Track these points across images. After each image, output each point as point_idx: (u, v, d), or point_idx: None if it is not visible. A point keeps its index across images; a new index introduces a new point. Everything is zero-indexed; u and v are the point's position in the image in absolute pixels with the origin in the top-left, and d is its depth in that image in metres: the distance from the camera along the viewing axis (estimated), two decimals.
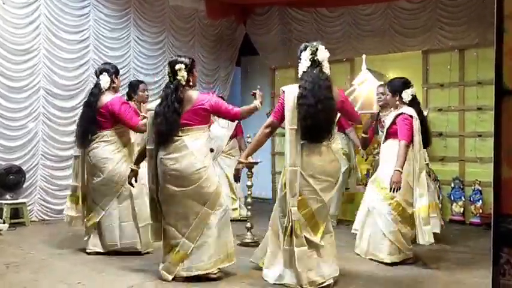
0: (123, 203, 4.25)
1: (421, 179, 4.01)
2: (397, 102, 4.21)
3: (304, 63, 3.49)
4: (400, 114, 4.12)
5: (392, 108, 4.36)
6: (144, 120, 4.01)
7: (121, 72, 6.83)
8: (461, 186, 6.46)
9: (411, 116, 4.06)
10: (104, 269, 3.79)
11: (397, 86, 4.24)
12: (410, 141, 4.02)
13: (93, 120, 4.21)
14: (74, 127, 6.24)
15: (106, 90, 4.30)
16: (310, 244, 3.30)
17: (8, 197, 5.58)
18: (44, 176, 6.06)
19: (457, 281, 3.63)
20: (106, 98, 4.22)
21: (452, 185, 6.48)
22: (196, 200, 3.43)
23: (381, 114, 4.84)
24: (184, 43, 7.82)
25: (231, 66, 8.76)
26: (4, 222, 5.39)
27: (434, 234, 4.18)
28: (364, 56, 6.53)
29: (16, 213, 5.65)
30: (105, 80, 4.29)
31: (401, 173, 3.80)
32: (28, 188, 5.89)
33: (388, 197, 4.03)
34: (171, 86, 3.51)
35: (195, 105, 3.50)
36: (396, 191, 3.79)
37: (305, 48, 3.53)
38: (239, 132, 6.43)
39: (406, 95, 4.18)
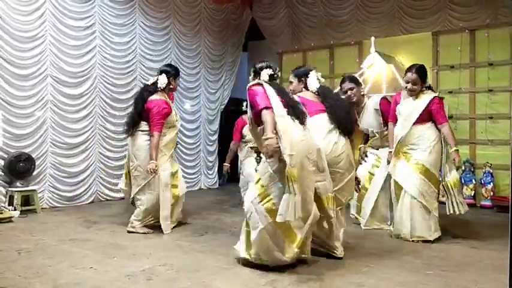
0: (150, 191, 4.60)
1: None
2: (423, 89, 4.38)
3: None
4: (433, 98, 4.31)
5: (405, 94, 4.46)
6: (156, 140, 4.48)
7: (127, 58, 6.88)
8: (472, 169, 6.42)
9: (441, 98, 4.39)
10: (115, 254, 3.81)
11: (424, 73, 4.38)
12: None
13: (140, 112, 4.62)
14: (82, 114, 6.33)
15: (161, 90, 4.69)
16: None
17: (18, 184, 5.62)
18: (54, 164, 6.08)
19: (468, 262, 3.61)
20: (154, 97, 4.62)
21: (463, 168, 6.44)
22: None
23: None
24: (190, 28, 7.78)
25: (237, 52, 8.70)
26: (15, 209, 5.44)
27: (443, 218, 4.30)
28: (372, 39, 6.46)
29: (27, 200, 5.68)
30: (162, 81, 4.67)
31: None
32: (38, 176, 5.93)
33: (435, 181, 4.25)
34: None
35: None
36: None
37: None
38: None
39: (427, 79, 4.46)
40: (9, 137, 5.65)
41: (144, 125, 4.63)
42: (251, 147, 4.59)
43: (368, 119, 4.87)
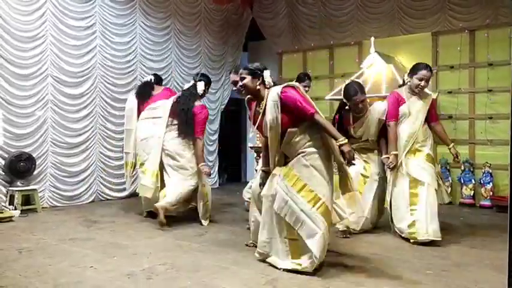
0: (188, 183, 4.96)
1: None
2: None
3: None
4: (432, 98, 4.54)
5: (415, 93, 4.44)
6: (202, 144, 4.99)
7: (127, 58, 6.89)
8: (472, 169, 6.43)
9: None
10: (115, 253, 3.83)
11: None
12: None
13: (191, 115, 4.93)
14: (82, 114, 6.34)
15: (199, 96, 5.08)
16: None
17: (19, 183, 5.63)
18: (54, 163, 6.09)
19: (468, 262, 3.62)
20: (198, 103, 5.05)
21: (462, 168, 6.44)
22: None
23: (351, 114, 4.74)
24: (190, 28, 7.78)
25: (238, 52, 8.70)
26: (16, 209, 5.45)
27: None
28: (372, 39, 6.46)
29: (27, 199, 5.69)
30: (201, 87, 5.10)
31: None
32: (39, 175, 5.93)
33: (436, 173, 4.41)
34: None
35: None
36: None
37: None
38: None
39: None
40: (9, 136, 5.65)
41: None
42: (251, 147, 4.59)
43: (370, 127, 4.65)
